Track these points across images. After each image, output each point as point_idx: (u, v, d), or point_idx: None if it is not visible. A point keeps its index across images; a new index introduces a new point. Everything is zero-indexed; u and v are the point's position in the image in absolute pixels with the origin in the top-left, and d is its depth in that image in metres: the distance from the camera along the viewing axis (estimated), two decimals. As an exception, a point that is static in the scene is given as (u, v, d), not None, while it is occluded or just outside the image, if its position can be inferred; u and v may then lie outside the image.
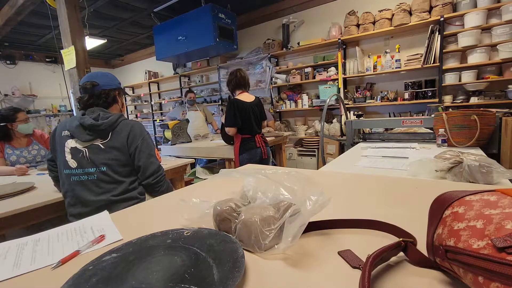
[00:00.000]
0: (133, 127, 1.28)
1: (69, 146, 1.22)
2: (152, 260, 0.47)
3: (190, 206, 0.64)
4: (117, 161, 1.23)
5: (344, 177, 1.02)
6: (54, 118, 6.08)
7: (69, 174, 1.21)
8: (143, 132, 1.31)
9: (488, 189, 0.37)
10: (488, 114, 1.68)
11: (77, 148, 1.21)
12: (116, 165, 1.23)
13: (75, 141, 1.22)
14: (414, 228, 0.48)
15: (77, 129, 1.20)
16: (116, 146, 1.23)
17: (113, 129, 1.24)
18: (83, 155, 1.20)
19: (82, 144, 1.21)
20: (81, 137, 1.20)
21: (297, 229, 0.45)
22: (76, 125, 1.20)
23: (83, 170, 1.20)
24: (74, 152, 1.21)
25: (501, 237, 0.28)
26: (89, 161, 1.20)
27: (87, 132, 1.20)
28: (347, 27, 3.74)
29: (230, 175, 0.69)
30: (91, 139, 1.21)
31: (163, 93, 6.76)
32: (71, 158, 1.21)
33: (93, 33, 4.82)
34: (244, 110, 2.37)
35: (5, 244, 0.61)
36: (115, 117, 1.25)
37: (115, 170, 1.23)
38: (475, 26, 2.93)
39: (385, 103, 3.63)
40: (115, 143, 1.23)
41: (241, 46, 4.89)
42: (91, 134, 1.21)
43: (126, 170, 1.26)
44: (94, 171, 1.20)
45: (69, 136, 1.23)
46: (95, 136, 1.21)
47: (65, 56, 2.70)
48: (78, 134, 1.20)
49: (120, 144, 1.24)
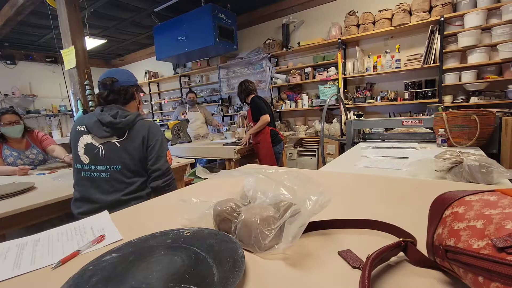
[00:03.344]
0: (150, 128, 1.29)
1: (84, 142, 1.23)
2: (152, 260, 0.47)
3: (190, 206, 0.64)
4: (131, 160, 1.24)
5: (344, 177, 1.02)
6: (54, 118, 6.08)
7: (80, 169, 1.23)
8: (159, 134, 1.32)
9: (488, 189, 0.37)
10: (488, 114, 1.68)
11: (93, 144, 1.22)
12: (130, 164, 1.24)
13: (91, 136, 1.23)
14: (414, 228, 0.48)
15: (95, 125, 1.22)
16: (131, 146, 1.24)
17: (130, 128, 1.26)
18: (98, 152, 1.21)
19: (98, 140, 1.22)
20: (98, 133, 1.22)
21: (297, 229, 0.45)
22: (94, 120, 1.22)
23: (95, 167, 1.21)
24: (88, 147, 1.22)
25: (501, 237, 0.28)
26: (104, 159, 1.21)
27: (104, 129, 1.22)
28: (347, 27, 3.74)
29: (230, 175, 0.69)
30: (108, 136, 1.23)
31: (163, 93, 6.76)
32: (84, 154, 1.22)
33: (93, 33, 4.82)
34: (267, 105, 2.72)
35: (5, 244, 0.61)
36: (133, 116, 1.26)
37: (129, 169, 1.23)
38: (475, 26, 2.93)
39: (385, 103, 3.63)
40: (131, 142, 1.24)
41: (241, 46, 4.89)
42: (108, 131, 1.22)
43: (139, 170, 1.27)
44: (107, 169, 1.21)
45: (85, 131, 1.25)
46: (112, 134, 1.23)
47: (65, 56, 2.70)
48: (95, 130, 1.22)
49: (136, 144, 1.25)
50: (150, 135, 1.28)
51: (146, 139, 1.27)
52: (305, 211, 0.46)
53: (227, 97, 5.49)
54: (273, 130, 2.82)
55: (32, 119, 5.74)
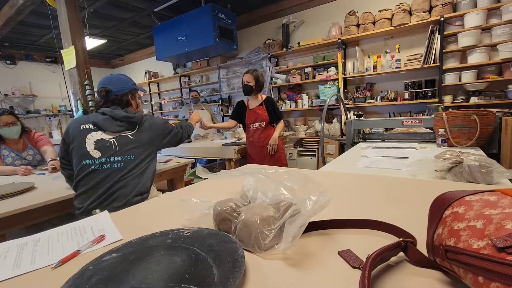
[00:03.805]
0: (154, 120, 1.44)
1: (93, 138, 1.28)
2: (152, 260, 0.47)
3: (190, 206, 0.64)
4: (143, 150, 1.34)
5: (344, 177, 1.02)
6: (54, 118, 6.08)
7: (89, 164, 1.25)
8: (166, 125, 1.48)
9: (488, 189, 0.37)
10: (488, 114, 1.68)
11: (104, 139, 1.28)
12: (141, 154, 1.33)
13: (101, 133, 1.29)
14: (414, 228, 0.48)
15: (106, 121, 1.29)
16: (144, 138, 1.35)
17: (141, 123, 1.37)
18: (111, 145, 1.28)
19: (111, 134, 1.30)
20: (111, 128, 1.29)
21: (297, 229, 0.45)
22: (104, 118, 1.30)
23: (107, 159, 1.26)
24: (100, 143, 1.27)
25: (501, 237, 0.28)
26: (118, 150, 1.28)
27: (118, 123, 1.30)
28: (347, 27, 3.74)
29: (230, 175, 0.69)
30: (121, 130, 1.31)
31: (163, 93, 6.76)
32: (94, 149, 1.26)
33: (93, 33, 4.82)
34: None
35: (5, 244, 0.61)
36: (141, 113, 1.40)
37: (141, 159, 1.32)
38: (475, 26, 2.93)
39: (385, 103, 3.63)
40: (142, 135, 1.36)
41: (241, 46, 4.89)
42: (122, 125, 1.31)
43: (149, 162, 1.36)
44: (121, 159, 1.28)
45: (92, 129, 1.29)
46: (125, 128, 1.32)
47: (65, 56, 2.70)
48: (108, 126, 1.29)
49: (147, 137, 1.37)
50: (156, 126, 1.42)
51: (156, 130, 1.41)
52: (305, 211, 0.46)
53: (227, 97, 5.49)
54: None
55: (32, 119, 5.74)
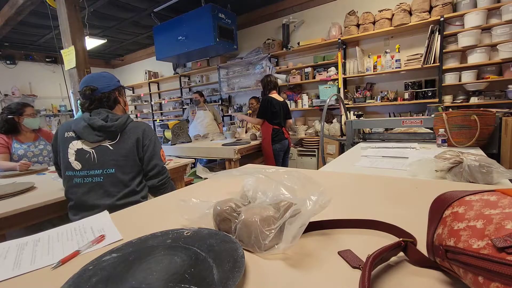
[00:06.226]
0: (143, 129, 1.29)
1: (74, 148, 1.20)
2: (152, 260, 0.47)
3: (190, 206, 0.64)
4: (125, 161, 1.22)
5: (344, 177, 1.02)
6: (54, 118, 6.08)
7: (71, 176, 1.19)
8: (152, 134, 1.32)
9: (488, 189, 0.37)
10: (488, 114, 1.68)
11: (84, 149, 1.19)
12: (124, 166, 1.22)
13: (82, 142, 1.20)
14: (414, 228, 0.48)
15: (85, 130, 1.19)
16: (124, 148, 1.23)
17: (122, 130, 1.24)
18: (90, 156, 1.19)
19: (90, 145, 1.20)
20: (89, 138, 1.19)
21: (297, 229, 0.45)
22: (84, 126, 1.19)
23: (87, 172, 1.18)
24: (79, 153, 1.19)
25: (501, 237, 0.28)
26: (96, 163, 1.19)
27: (96, 133, 1.19)
28: (347, 27, 3.74)
29: (230, 175, 0.69)
30: (100, 140, 1.20)
31: (163, 93, 6.76)
32: (75, 160, 1.19)
33: (93, 33, 4.82)
34: (277, 105, 2.94)
35: (5, 244, 0.61)
36: (124, 119, 1.25)
37: (123, 171, 1.22)
38: (475, 26, 2.93)
39: (385, 103, 3.63)
40: (123, 144, 1.23)
41: (241, 46, 4.89)
42: (100, 135, 1.20)
43: (133, 173, 1.25)
44: (100, 173, 1.18)
45: (74, 137, 1.21)
46: (104, 137, 1.21)
47: (65, 56, 2.70)
48: (86, 135, 1.19)
49: (129, 145, 1.23)
50: (144, 135, 1.28)
51: (141, 140, 1.26)
52: (305, 211, 0.46)
53: (227, 97, 5.49)
54: (276, 128, 2.93)
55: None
